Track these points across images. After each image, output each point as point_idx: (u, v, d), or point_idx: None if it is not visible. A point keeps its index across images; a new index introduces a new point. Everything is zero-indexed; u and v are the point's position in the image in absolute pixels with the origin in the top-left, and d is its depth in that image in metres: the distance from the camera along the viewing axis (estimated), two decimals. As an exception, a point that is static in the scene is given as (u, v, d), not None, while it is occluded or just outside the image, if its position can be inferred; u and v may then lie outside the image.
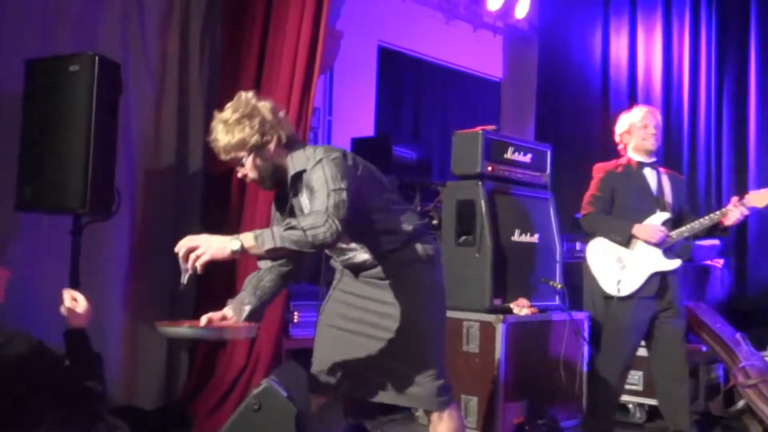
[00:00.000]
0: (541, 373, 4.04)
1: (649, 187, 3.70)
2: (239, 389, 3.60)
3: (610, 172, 3.78)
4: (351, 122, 5.26)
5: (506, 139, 4.26)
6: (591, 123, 5.99)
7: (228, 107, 2.38)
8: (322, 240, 2.14)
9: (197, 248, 2.06)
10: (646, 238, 3.58)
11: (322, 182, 2.24)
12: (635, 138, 3.75)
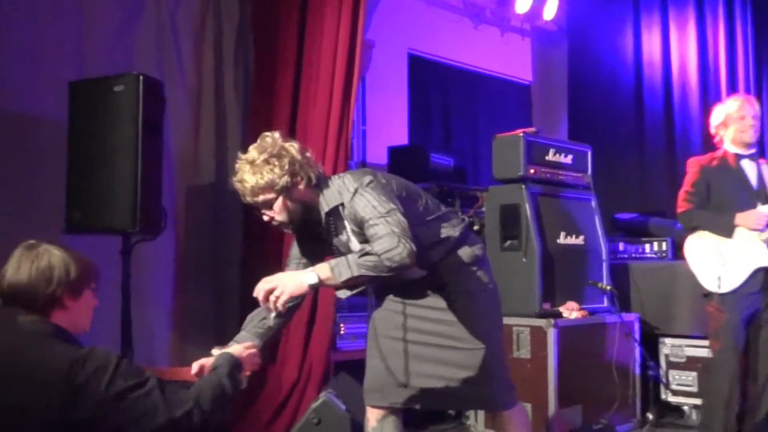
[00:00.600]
0: (594, 378, 3.97)
1: (749, 180, 3.54)
2: (292, 403, 3.57)
3: (704, 167, 3.64)
4: (385, 131, 5.24)
5: (547, 141, 4.21)
6: (625, 123, 5.91)
7: (253, 148, 2.32)
8: (400, 262, 2.10)
9: (274, 289, 2.07)
10: (751, 225, 3.42)
11: (370, 210, 2.20)
12: (732, 130, 3.58)
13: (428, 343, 2.48)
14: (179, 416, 1.75)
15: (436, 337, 2.48)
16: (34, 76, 3.60)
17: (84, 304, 1.89)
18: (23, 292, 1.80)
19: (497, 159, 4.14)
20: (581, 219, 4.25)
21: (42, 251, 1.83)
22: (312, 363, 3.62)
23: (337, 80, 3.72)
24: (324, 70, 3.77)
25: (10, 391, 1.70)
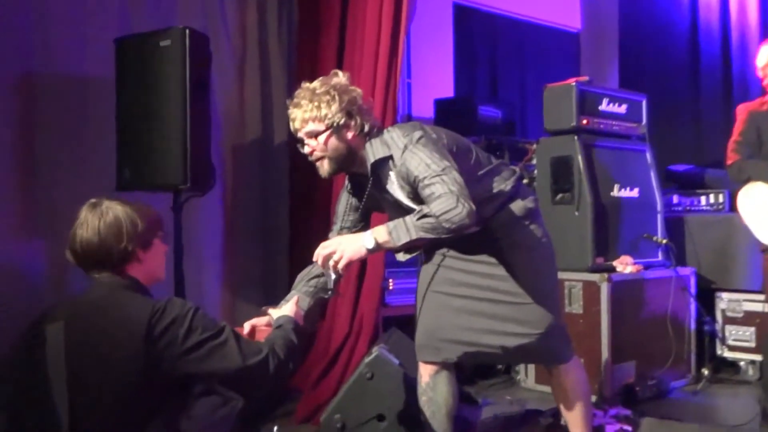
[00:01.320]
0: (648, 333, 3.90)
1: None
2: (343, 358, 3.58)
3: (753, 112, 3.46)
4: (431, 84, 5.13)
5: (600, 91, 4.08)
6: (679, 70, 5.69)
7: (319, 80, 2.29)
8: (459, 223, 2.07)
9: (333, 253, 2.07)
10: None
11: (424, 168, 2.15)
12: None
13: (481, 297, 2.43)
14: (254, 363, 1.81)
15: (490, 292, 2.43)
16: (79, 36, 3.58)
17: (155, 253, 1.93)
18: (97, 252, 1.83)
19: (548, 110, 4.02)
20: (635, 171, 4.14)
21: (105, 209, 1.86)
22: (362, 318, 3.61)
23: (384, 33, 3.62)
24: (370, 23, 3.67)
25: (97, 345, 1.74)
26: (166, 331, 1.73)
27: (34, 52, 3.45)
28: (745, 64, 5.35)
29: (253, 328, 2.24)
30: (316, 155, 2.29)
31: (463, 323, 2.43)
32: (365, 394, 2.87)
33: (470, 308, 2.44)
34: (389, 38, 3.64)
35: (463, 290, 2.45)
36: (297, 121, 2.26)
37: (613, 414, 3.33)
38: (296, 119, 2.26)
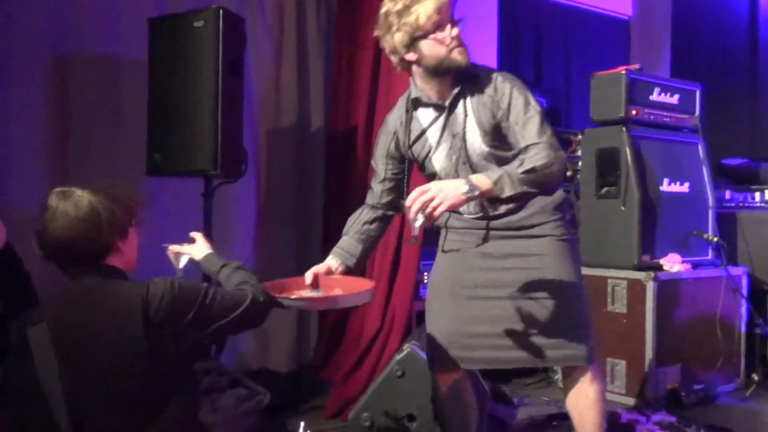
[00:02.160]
0: (696, 335, 3.72)
1: None
2: (374, 352, 3.48)
3: None
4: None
5: (651, 80, 3.89)
6: (736, 60, 5.45)
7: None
8: (557, 179, 2.02)
9: (432, 199, 1.87)
10: None
11: (524, 101, 2.08)
12: None
13: (505, 296, 2.23)
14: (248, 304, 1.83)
15: (520, 290, 2.23)
16: (113, 16, 3.52)
17: (131, 240, 1.84)
18: (73, 248, 1.72)
19: (595, 99, 3.85)
20: (686, 164, 3.94)
21: (78, 199, 1.73)
22: (395, 312, 3.51)
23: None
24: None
25: (94, 342, 1.67)
26: (161, 308, 1.68)
27: (67, 33, 3.41)
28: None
29: (315, 277, 2.19)
30: (457, 37, 2.08)
31: (487, 330, 2.24)
32: (395, 393, 2.78)
33: (495, 312, 2.24)
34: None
35: (488, 292, 2.25)
36: (436, 4, 2.05)
37: (657, 420, 3.18)
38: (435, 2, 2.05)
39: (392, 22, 2.07)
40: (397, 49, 2.10)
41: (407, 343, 2.88)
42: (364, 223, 2.33)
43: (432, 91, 2.16)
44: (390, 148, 2.26)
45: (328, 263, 2.25)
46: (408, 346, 2.81)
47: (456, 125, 2.15)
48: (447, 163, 2.18)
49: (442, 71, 2.10)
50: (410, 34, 2.05)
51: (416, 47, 2.07)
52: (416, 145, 2.22)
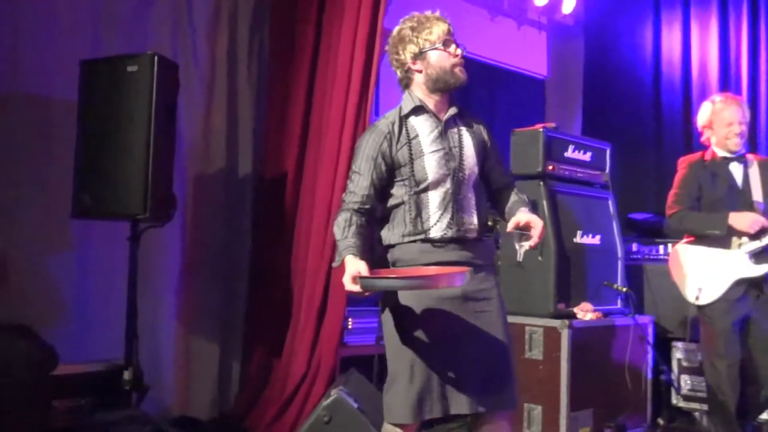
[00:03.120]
0: (606, 380, 3.89)
1: (737, 183, 3.50)
2: (299, 399, 3.49)
3: (693, 165, 3.60)
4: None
5: (566, 137, 4.13)
6: (642, 121, 5.80)
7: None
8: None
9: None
10: (744, 227, 3.35)
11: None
12: (718, 134, 3.53)
13: (477, 338, 2.28)
14: None
15: (483, 332, 2.29)
16: (47, 56, 3.50)
17: None
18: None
19: (515, 154, 4.04)
20: (598, 218, 4.17)
21: None
22: (321, 357, 3.54)
23: (356, 69, 3.63)
24: (342, 59, 3.68)
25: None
26: None
27: (1, 70, 3.36)
28: (705, 118, 5.50)
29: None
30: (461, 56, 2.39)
31: (460, 373, 2.26)
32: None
33: (465, 353, 2.27)
34: (361, 75, 3.65)
35: (462, 331, 2.28)
36: (448, 27, 2.41)
37: (571, 463, 3.30)
38: (447, 26, 2.41)
39: (406, 35, 2.35)
40: (406, 60, 2.34)
41: (334, 389, 2.91)
42: (359, 227, 2.29)
43: (431, 104, 2.36)
44: (383, 146, 2.30)
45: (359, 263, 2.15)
46: (336, 392, 2.85)
47: (453, 140, 2.35)
48: (440, 169, 2.31)
49: (442, 84, 2.33)
50: (421, 45, 2.33)
51: (424, 57, 2.33)
52: (404, 149, 2.31)
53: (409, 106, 2.36)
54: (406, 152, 2.31)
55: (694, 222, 3.51)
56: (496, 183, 2.52)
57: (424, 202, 2.31)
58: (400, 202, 2.33)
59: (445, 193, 2.32)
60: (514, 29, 6.06)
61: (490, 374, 2.28)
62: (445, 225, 2.31)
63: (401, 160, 2.31)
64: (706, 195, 3.52)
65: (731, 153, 3.51)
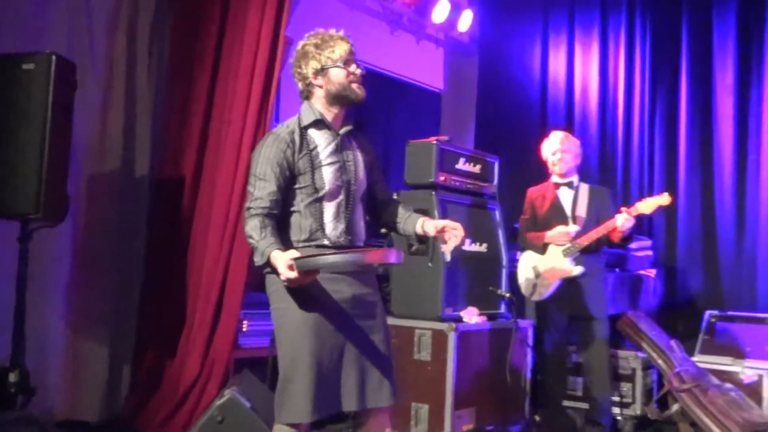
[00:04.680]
0: (490, 380, 4.11)
1: (563, 206, 4.28)
2: (192, 400, 3.51)
3: (531, 195, 4.45)
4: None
5: (458, 150, 4.34)
6: (529, 136, 6.12)
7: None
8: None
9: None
10: (556, 242, 4.16)
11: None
12: (548, 163, 4.37)
13: (364, 339, 2.44)
14: None
15: (368, 332, 2.46)
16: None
17: None
18: None
19: (410, 165, 4.22)
20: (485, 227, 4.40)
21: None
22: (215, 359, 3.57)
23: (258, 75, 3.70)
24: (244, 65, 3.74)
25: None
26: None
27: None
28: (585, 137, 5.90)
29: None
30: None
31: (344, 373, 2.39)
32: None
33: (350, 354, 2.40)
34: (263, 80, 3.72)
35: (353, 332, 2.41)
36: (350, 47, 2.53)
37: (454, 458, 3.48)
38: (349, 46, 2.53)
39: (309, 51, 2.47)
40: (308, 75, 2.47)
41: (227, 389, 2.96)
42: (273, 228, 2.36)
43: (329, 117, 2.50)
44: (287, 153, 2.39)
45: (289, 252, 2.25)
46: (229, 392, 2.90)
47: (347, 154, 2.51)
48: (336, 180, 2.45)
49: (342, 99, 2.49)
50: (323, 63, 2.46)
51: (326, 74, 2.46)
52: (305, 158, 2.42)
53: (310, 118, 2.47)
54: (306, 161, 2.42)
55: (525, 241, 4.38)
56: (381, 195, 2.70)
57: (321, 211, 2.43)
58: (296, 210, 2.44)
59: (339, 203, 2.46)
60: (413, 44, 6.28)
61: (374, 372, 2.44)
62: (339, 233, 2.45)
63: (302, 168, 2.42)
64: (538, 219, 4.33)
65: (562, 177, 4.32)
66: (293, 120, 2.51)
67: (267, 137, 2.48)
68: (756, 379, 4.37)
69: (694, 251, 5.39)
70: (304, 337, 2.34)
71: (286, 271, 2.20)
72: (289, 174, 2.42)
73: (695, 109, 5.48)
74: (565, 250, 4.15)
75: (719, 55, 5.40)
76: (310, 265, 2.19)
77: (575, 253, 4.13)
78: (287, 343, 2.38)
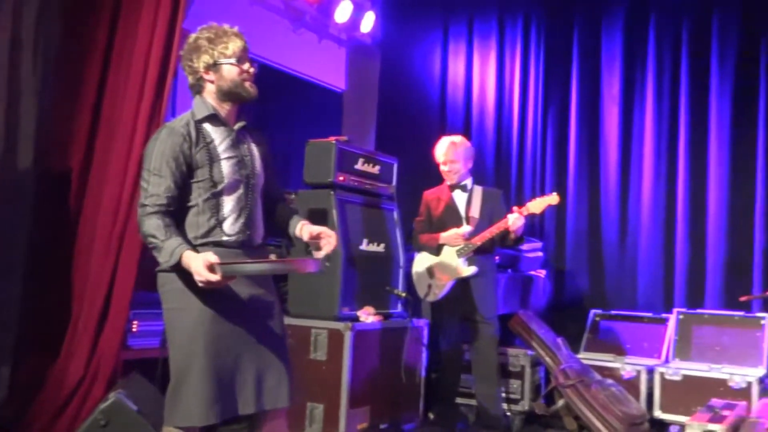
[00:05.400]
0: (385, 379, 4.17)
1: (457, 208, 4.39)
2: (76, 403, 3.35)
3: (428, 197, 4.51)
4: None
5: (357, 151, 4.37)
6: (429, 138, 6.19)
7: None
8: None
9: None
10: (450, 243, 4.26)
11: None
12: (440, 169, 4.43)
13: (261, 340, 2.43)
14: None
15: (266, 333, 2.45)
16: None
17: None
18: None
19: (309, 164, 4.22)
20: (383, 227, 4.46)
21: None
22: (101, 360, 3.43)
23: (152, 67, 3.58)
24: (137, 60, 3.60)
25: None
26: None
27: None
28: (483, 141, 6.08)
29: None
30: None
31: (240, 375, 2.36)
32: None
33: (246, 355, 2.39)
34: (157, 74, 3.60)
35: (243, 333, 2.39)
36: (244, 44, 2.49)
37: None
38: (243, 43, 2.49)
39: (201, 45, 2.43)
40: (199, 69, 2.43)
41: (113, 392, 2.87)
42: (175, 227, 2.33)
43: (222, 113, 2.47)
44: (183, 147, 2.35)
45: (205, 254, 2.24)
46: (114, 395, 2.81)
47: (243, 149, 2.49)
48: (234, 174, 2.44)
49: (233, 96, 2.46)
50: (216, 58, 2.42)
51: (218, 69, 2.43)
52: (202, 151, 2.38)
53: (203, 112, 2.43)
54: (204, 154, 2.38)
55: (420, 243, 4.46)
56: (274, 194, 2.69)
57: (219, 205, 2.40)
58: (192, 205, 2.39)
59: (238, 198, 2.44)
60: (316, 42, 6.26)
61: (272, 373, 2.43)
62: (238, 228, 2.43)
63: (199, 162, 2.38)
64: (434, 220, 4.43)
65: (455, 182, 4.42)
66: (186, 114, 2.46)
67: (161, 131, 2.42)
68: (635, 374, 4.63)
69: (581, 253, 5.65)
70: (200, 337, 2.30)
71: (207, 273, 2.17)
72: (186, 168, 2.37)
73: (584, 116, 5.75)
74: (458, 250, 4.25)
75: (606, 68, 5.69)
76: (237, 271, 2.21)
77: (469, 254, 4.24)
78: (181, 344, 2.33)
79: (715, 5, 5.31)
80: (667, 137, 5.44)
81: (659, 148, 5.45)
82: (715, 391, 4.34)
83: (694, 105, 5.35)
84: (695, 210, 5.28)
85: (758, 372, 4.44)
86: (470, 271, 4.24)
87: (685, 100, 5.37)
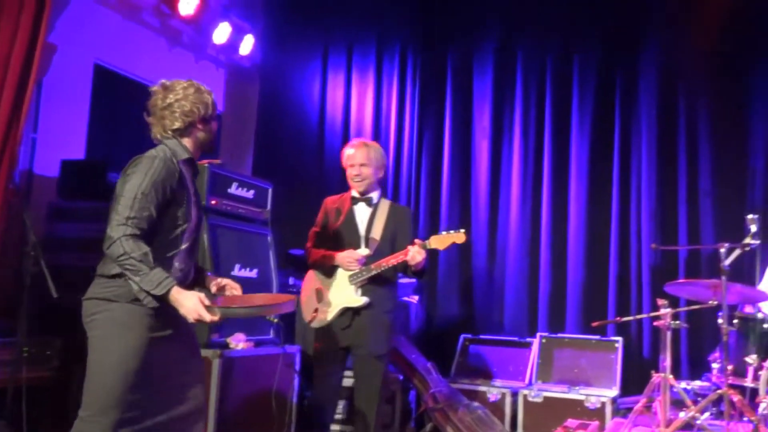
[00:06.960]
0: (255, 406, 4.10)
1: (357, 226, 3.74)
2: None
3: (327, 205, 3.88)
4: (60, 143, 4.86)
5: (231, 175, 4.32)
6: (307, 162, 6.30)
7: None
8: None
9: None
10: (345, 265, 3.65)
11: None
12: (346, 174, 3.77)
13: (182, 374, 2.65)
14: None
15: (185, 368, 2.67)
16: None
17: None
18: None
19: (180, 187, 4.12)
20: (257, 252, 4.41)
21: None
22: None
23: (10, 81, 3.42)
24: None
25: None
26: None
27: None
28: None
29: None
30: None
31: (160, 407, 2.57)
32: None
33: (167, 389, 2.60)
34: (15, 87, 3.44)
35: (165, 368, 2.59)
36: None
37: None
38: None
39: (205, 98, 2.71)
40: (196, 118, 2.66)
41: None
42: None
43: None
44: (172, 182, 2.52)
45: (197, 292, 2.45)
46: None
47: (196, 193, 2.70)
48: (195, 217, 2.66)
49: (205, 147, 2.75)
50: (210, 113, 2.72)
51: (209, 123, 2.72)
52: (183, 190, 2.58)
53: (184, 155, 2.64)
54: (183, 193, 2.57)
55: (315, 259, 3.79)
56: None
57: (179, 242, 2.57)
58: (158, 237, 2.52)
59: (195, 238, 2.67)
60: (192, 63, 6.16)
61: (189, 402, 2.62)
62: (184, 264, 2.62)
63: (179, 199, 2.55)
64: (331, 234, 3.77)
65: (360, 192, 3.77)
66: (167, 150, 2.61)
67: (154, 159, 2.54)
68: (499, 397, 4.82)
69: (452, 279, 5.83)
70: (129, 366, 2.42)
71: (205, 313, 2.38)
72: (165, 201, 2.50)
73: (456, 146, 5.99)
74: (351, 276, 3.65)
75: (478, 101, 5.95)
76: (230, 314, 2.59)
77: (363, 282, 3.64)
78: (102, 371, 2.41)
79: (576, 45, 5.69)
80: (532, 170, 5.75)
81: (525, 181, 5.75)
82: (573, 411, 4.58)
83: (557, 140, 5.69)
84: (557, 239, 5.59)
85: (612, 393, 4.73)
86: (360, 302, 3.64)
87: (548, 135, 5.72)
